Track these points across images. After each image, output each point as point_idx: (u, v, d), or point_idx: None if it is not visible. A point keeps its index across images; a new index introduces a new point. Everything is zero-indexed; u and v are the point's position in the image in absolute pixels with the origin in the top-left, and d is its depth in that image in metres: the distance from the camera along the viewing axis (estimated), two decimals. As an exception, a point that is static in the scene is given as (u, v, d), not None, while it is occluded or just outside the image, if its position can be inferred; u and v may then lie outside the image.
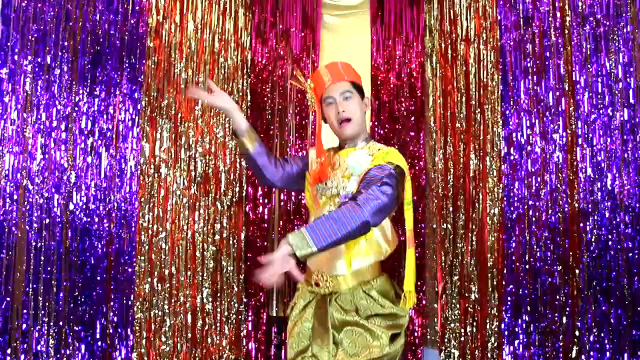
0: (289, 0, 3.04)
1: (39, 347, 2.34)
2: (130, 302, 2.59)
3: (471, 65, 2.83)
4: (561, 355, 2.44)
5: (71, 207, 2.45)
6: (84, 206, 2.48)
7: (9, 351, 2.26)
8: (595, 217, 2.36)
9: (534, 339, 2.52)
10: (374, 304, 1.98)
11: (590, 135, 2.40)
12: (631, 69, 2.30)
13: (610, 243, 2.32)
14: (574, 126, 2.46)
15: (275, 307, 2.99)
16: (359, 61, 3.04)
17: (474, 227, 2.77)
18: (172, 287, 2.71)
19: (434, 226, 2.88)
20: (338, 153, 2.07)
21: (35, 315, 2.34)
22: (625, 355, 2.27)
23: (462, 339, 2.76)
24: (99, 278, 2.50)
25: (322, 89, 2.03)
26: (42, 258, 2.36)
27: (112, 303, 2.54)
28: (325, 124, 2.09)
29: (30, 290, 2.33)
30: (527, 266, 2.55)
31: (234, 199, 2.94)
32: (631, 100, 2.29)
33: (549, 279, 2.49)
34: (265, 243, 2.99)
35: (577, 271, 2.42)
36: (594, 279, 2.35)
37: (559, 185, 2.49)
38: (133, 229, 2.61)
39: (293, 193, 3.00)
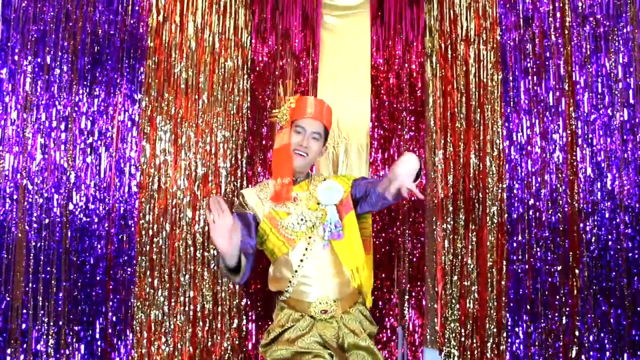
0: (288, 0, 3.04)
1: (38, 347, 2.34)
2: (130, 302, 2.59)
3: (471, 65, 2.83)
4: (561, 355, 2.44)
5: (71, 207, 2.45)
6: (84, 206, 2.48)
7: (8, 351, 2.26)
8: (595, 217, 2.36)
9: (534, 339, 2.52)
10: (368, 323, 2.14)
11: (590, 135, 2.41)
12: (631, 69, 2.30)
13: (610, 243, 2.32)
14: (574, 126, 2.46)
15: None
16: (359, 61, 3.06)
17: (473, 227, 2.77)
18: (172, 287, 2.71)
19: (434, 226, 2.88)
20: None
21: (35, 315, 2.34)
22: (625, 355, 2.27)
23: (462, 339, 2.76)
24: (98, 278, 2.50)
25: (300, 116, 2.15)
26: (42, 258, 2.36)
27: (111, 303, 2.54)
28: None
29: (30, 290, 2.33)
30: (527, 266, 2.55)
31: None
32: (631, 101, 2.30)
33: (549, 279, 2.49)
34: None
35: (577, 271, 2.42)
36: (594, 279, 2.35)
37: (559, 185, 2.49)
38: (133, 229, 2.62)
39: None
